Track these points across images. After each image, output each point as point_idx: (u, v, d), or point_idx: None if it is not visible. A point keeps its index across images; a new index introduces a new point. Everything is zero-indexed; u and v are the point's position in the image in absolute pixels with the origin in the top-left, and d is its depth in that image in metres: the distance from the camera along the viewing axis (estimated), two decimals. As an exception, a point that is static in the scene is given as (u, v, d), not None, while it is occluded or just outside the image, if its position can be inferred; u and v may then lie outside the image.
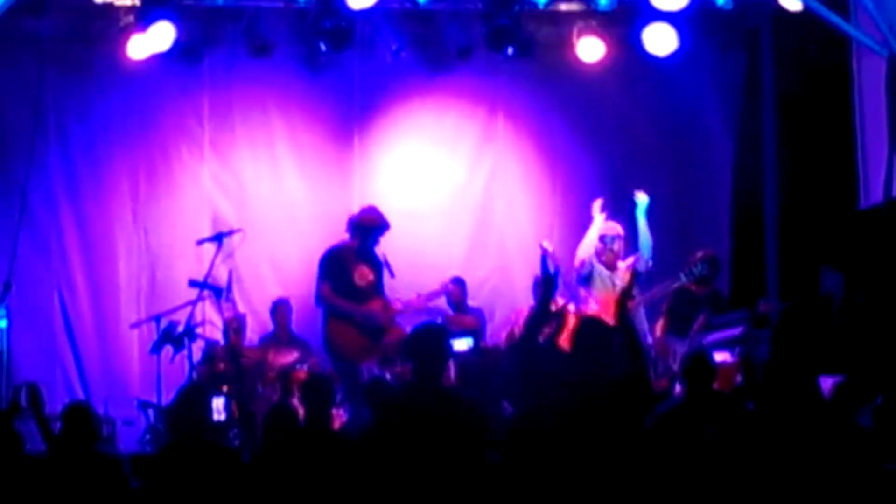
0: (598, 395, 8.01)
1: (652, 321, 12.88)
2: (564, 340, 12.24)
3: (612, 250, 12.71)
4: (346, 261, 12.54)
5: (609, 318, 11.58)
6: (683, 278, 12.52)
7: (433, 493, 7.25)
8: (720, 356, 11.43)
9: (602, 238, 12.74)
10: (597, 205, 12.87)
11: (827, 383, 8.36)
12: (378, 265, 12.66)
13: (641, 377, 8.33)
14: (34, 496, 7.81)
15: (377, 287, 12.64)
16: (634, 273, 12.40)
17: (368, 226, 12.65)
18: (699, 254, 12.73)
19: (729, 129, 14.59)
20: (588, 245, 12.75)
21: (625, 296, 10.16)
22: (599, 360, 8.43)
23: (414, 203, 14.32)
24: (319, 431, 8.21)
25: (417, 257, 13.87)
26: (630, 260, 12.80)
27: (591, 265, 12.68)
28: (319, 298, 12.60)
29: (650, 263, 12.82)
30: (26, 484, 7.85)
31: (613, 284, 12.54)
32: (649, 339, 12.48)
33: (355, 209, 13.57)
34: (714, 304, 12.66)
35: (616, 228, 12.78)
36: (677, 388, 11.31)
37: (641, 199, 12.85)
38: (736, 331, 12.17)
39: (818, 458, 7.49)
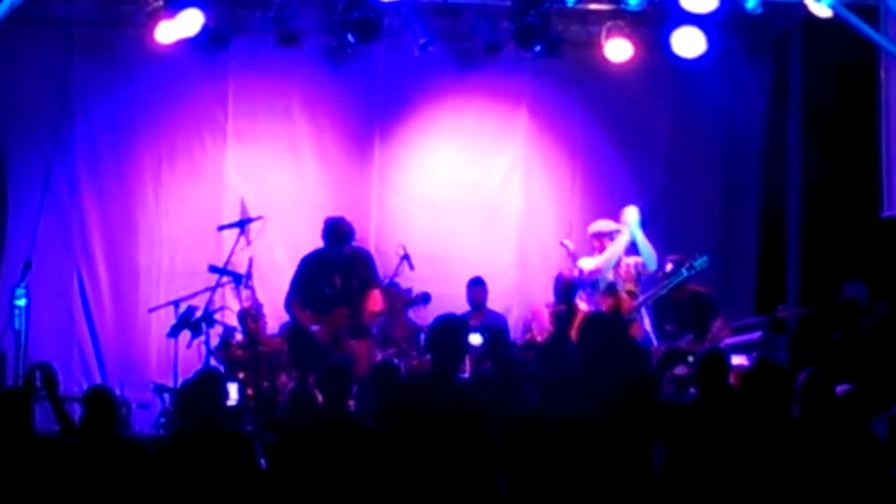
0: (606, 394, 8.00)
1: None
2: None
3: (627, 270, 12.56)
4: (318, 268, 12.40)
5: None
6: (685, 273, 12.27)
7: (435, 477, 7.30)
8: (737, 360, 11.35)
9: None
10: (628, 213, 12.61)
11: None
12: (347, 272, 12.41)
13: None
14: (52, 479, 7.79)
15: (342, 296, 12.31)
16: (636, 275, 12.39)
17: (340, 234, 12.44)
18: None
19: (755, 134, 14.51)
20: (613, 258, 12.58)
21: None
22: (605, 356, 8.36)
23: (433, 196, 14.33)
24: (336, 418, 8.23)
25: (435, 249, 13.88)
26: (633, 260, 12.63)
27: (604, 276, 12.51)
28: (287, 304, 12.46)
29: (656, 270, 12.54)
30: (42, 466, 7.84)
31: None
32: (655, 343, 12.28)
33: (374, 201, 13.55)
34: (698, 304, 12.43)
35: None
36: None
37: (631, 213, 12.53)
38: (754, 336, 12.09)
39: (832, 465, 7.50)
